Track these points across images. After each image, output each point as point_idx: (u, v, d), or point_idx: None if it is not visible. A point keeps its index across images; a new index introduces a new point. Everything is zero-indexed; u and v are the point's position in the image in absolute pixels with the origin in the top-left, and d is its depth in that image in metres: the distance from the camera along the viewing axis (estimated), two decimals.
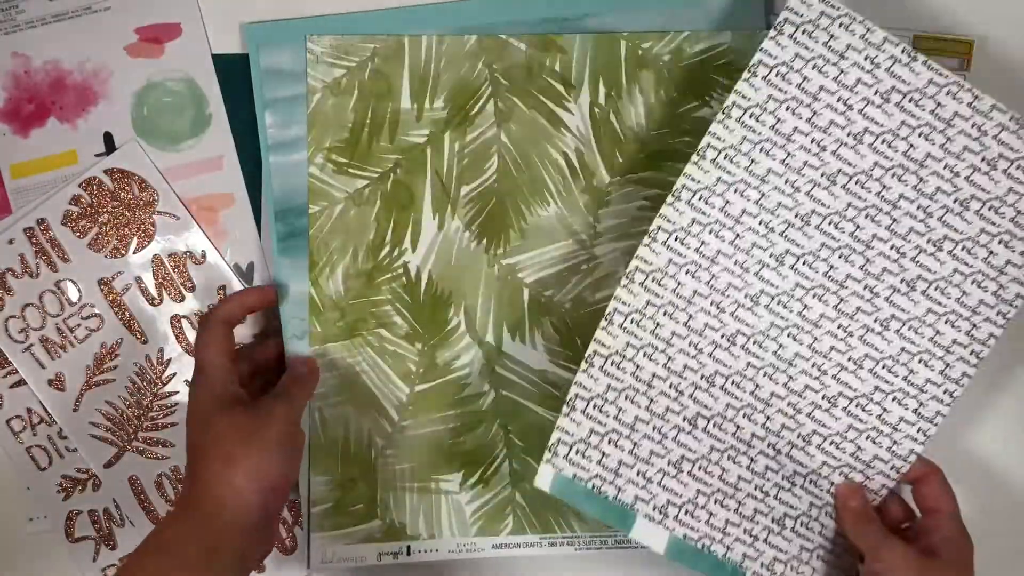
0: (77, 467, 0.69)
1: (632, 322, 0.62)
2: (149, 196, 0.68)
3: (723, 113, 0.61)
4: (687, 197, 0.61)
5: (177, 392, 0.69)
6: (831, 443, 0.63)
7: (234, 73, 0.67)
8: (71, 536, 0.69)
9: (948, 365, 0.62)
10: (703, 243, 0.61)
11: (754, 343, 0.62)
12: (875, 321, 0.62)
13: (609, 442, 0.62)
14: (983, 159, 0.61)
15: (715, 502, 0.63)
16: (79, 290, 0.68)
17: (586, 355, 0.62)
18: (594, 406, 0.62)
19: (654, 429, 0.63)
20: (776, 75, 0.61)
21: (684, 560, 0.63)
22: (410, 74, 0.66)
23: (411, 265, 0.67)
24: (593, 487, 0.62)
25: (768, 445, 0.63)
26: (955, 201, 0.61)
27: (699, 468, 0.63)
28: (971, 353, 0.62)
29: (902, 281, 0.62)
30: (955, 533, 0.60)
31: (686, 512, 0.63)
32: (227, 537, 0.56)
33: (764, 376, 0.62)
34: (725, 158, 0.61)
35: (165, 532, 0.56)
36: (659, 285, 0.62)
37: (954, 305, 0.62)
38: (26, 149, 0.68)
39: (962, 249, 0.61)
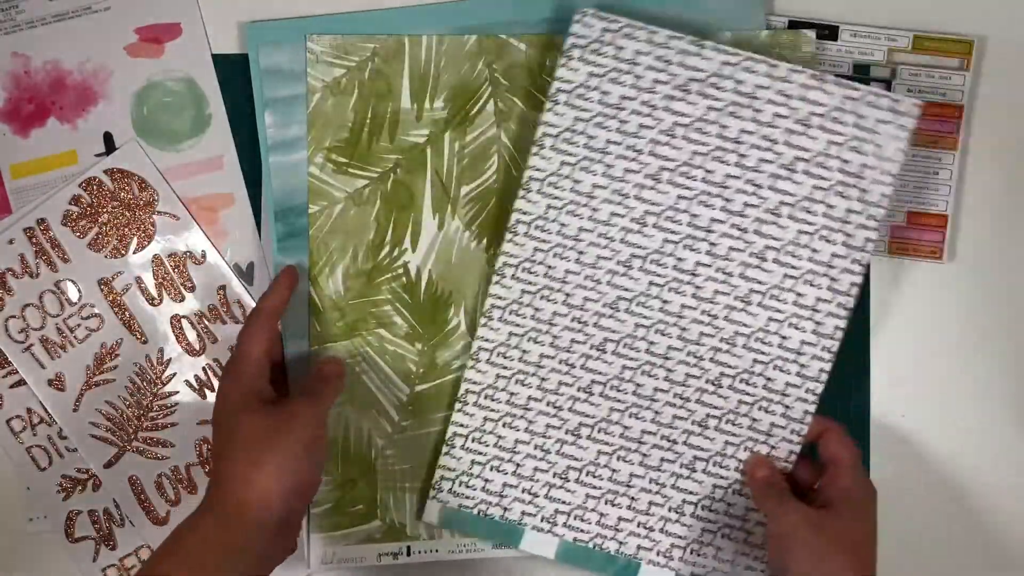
0: (77, 467, 0.69)
1: (498, 355, 0.65)
2: (149, 196, 0.68)
3: (536, 145, 0.64)
4: (523, 230, 0.64)
5: (177, 392, 0.69)
6: (727, 421, 0.65)
7: (234, 73, 0.67)
8: (71, 536, 0.69)
9: (819, 323, 0.64)
10: (550, 267, 0.64)
11: (624, 346, 0.65)
12: (735, 299, 0.64)
13: (491, 469, 0.66)
14: (795, 120, 0.63)
15: (606, 502, 0.66)
16: (79, 290, 0.68)
17: (459, 395, 0.66)
18: (472, 439, 0.66)
19: (536, 448, 0.66)
20: (577, 97, 0.64)
21: (576, 561, 0.67)
22: (410, 74, 0.66)
23: (411, 265, 0.67)
24: (479, 512, 0.66)
25: (661, 438, 0.65)
26: (780, 167, 0.63)
27: (586, 474, 0.66)
28: (838, 306, 0.64)
29: (751, 255, 0.64)
30: (852, 482, 0.61)
31: (575, 517, 0.66)
32: (251, 539, 0.56)
33: (642, 375, 0.65)
34: (549, 185, 0.64)
35: (188, 532, 0.56)
36: (518, 316, 0.65)
37: (808, 265, 0.64)
38: (26, 149, 0.68)
39: (800, 210, 0.63)
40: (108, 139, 0.68)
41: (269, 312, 0.63)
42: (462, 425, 0.66)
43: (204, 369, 0.69)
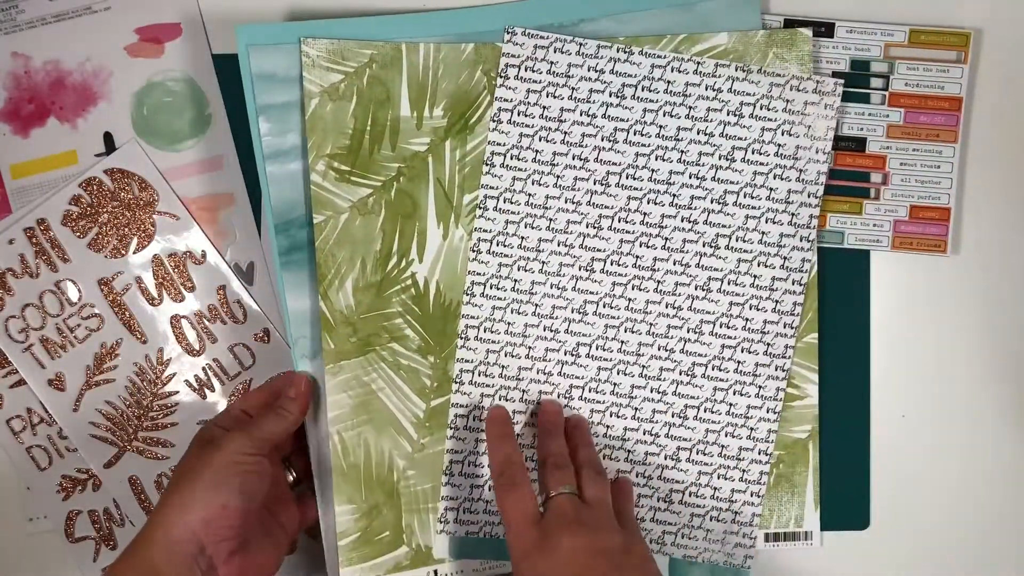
0: (77, 467, 0.69)
1: (480, 374, 0.67)
2: (149, 196, 0.68)
3: (487, 164, 0.66)
4: (485, 248, 0.66)
5: (177, 392, 0.69)
6: (705, 410, 0.67)
7: (234, 73, 0.67)
8: (71, 536, 0.69)
9: (777, 302, 0.67)
10: (516, 280, 0.66)
11: (596, 347, 0.67)
12: (696, 288, 0.66)
13: (490, 489, 0.67)
14: (728, 112, 0.66)
15: None
16: (79, 290, 0.68)
17: (449, 421, 0.66)
18: (468, 463, 0.67)
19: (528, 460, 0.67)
20: (518, 115, 0.66)
21: None
22: (408, 81, 0.66)
23: (419, 276, 0.66)
24: (485, 534, 0.67)
25: (644, 432, 0.67)
26: (719, 157, 0.66)
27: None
28: (793, 283, 0.67)
29: (704, 244, 0.66)
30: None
31: None
32: (161, 573, 0.55)
33: (617, 373, 0.67)
34: (505, 201, 0.66)
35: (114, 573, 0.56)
36: (492, 332, 0.66)
37: (759, 247, 0.66)
38: (26, 149, 0.68)
39: (744, 196, 0.66)
40: (108, 139, 0.68)
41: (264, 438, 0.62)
42: (457, 452, 0.67)
43: (204, 369, 0.69)
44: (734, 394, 0.67)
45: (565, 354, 0.67)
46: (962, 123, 0.68)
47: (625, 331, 0.66)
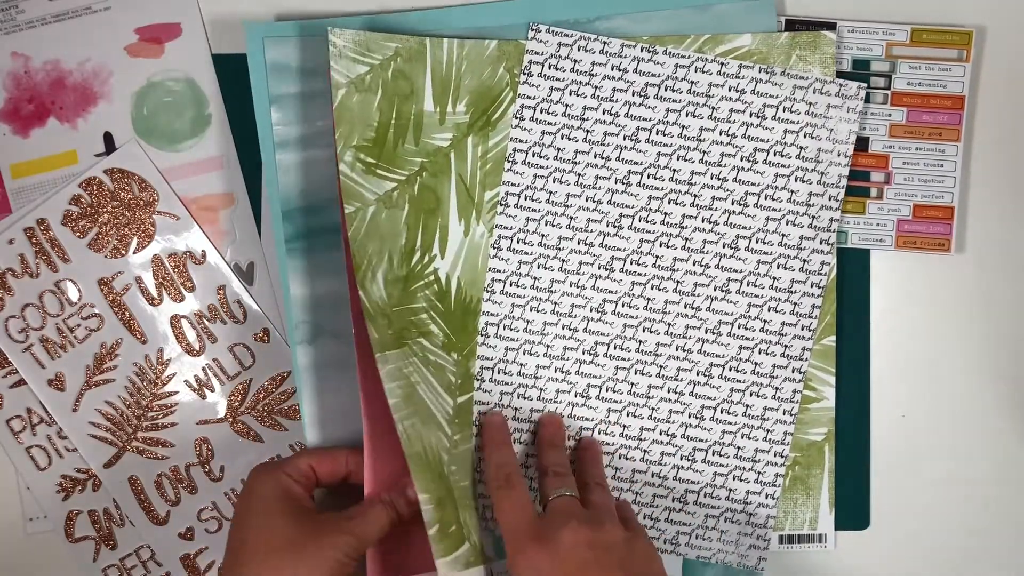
0: (77, 467, 0.69)
1: (499, 372, 0.67)
2: (149, 196, 0.68)
3: (508, 161, 0.66)
4: (506, 245, 0.66)
5: (177, 392, 0.69)
6: (722, 411, 0.67)
7: (234, 73, 0.67)
8: (71, 536, 0.69)
9: (796, 304, 0.66)
10: (536, 278, 0.66)
11: (614, 347, 0.67)
12: (715, 289, 0.67)
13: None
14: (750, 113, 0.66)
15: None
16: (79, 290, 0.68)
17: (474, 419, 0.66)
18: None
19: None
20: (540, 112, 0.66)
21: None
22: (432, 76, 0.66)
23: (441, 272, 0.66)
24: None
25: (660, 432, 0.67)
26: (741, 159, 0.66)
27: None
28: (812, 286, 0.67)
29: (724, 245, 0.66)
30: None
31: None
32: None
33: (635, 372, 0.67)
34: (526, 199, 0.66)
35: None
36: (511, 330, 0.66)
37: (779, 249, 0.66)
38: (26, 149, 0.68)
39: (765, 198, 0.66)
40: (108, 139, 0.68)
41: (344, 458, 0.63)
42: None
43: (204, 369, 0.69)
44: (751, 395, 0.67)
45: (583, 353, 0.66)
46: (965, 122, 0.68)
47: (643, 331, 0.66)
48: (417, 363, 0.65)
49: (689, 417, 0.67)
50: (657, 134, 0.66)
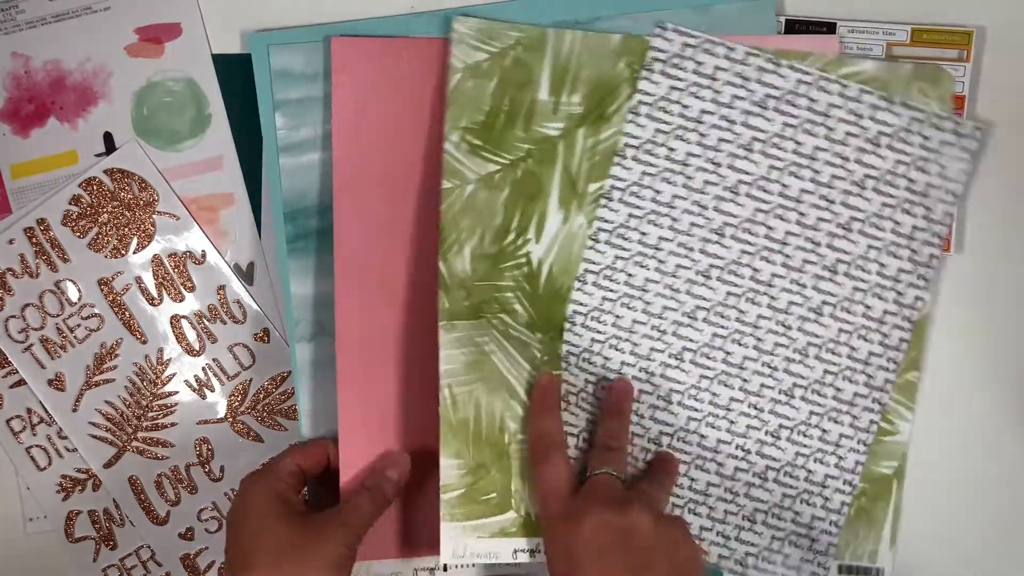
0: (77, 467, 0.69)
1: (584, 360, 0.66)
2: (149, 196, 0.68)
3: (618, 155, 0.66)
4: (604, 238, 0.66)
5: (177, 392, 0.69)
6: (798, 432, 0.66)
7: (234, 73, 0.68)
8: (71, 536, 0.69)
9: (885, 335, 0.66)
10: (630, 275, 0.66)
11: (701, 355, 0.66)
12: (808, 310, 0.66)
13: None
14: (866, 139, 0.65)
15: (688, 511, 0.66)
16: (79, 290, 0.68)
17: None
18: (572, 445, 0.65)
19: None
20: (657, 110, 0.65)
21: None
22: (551, 66, 0.66)
23: (533, 256, 0.66)
24: None
25: (736, 447, 0.66)
26: (851, 183, 0.65)
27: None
28: (903, 319, 0.66)
29: (823, 267, 0.66)
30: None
31: None
32: None
33: (718, 384, 0.66)
34: (631, 195, 0.66)
35: None
36: (599, 323, 0.66)
37: (876, 279, 0.66)
38: (26, 149, 0.68)
39: (870, 226, 0.66)
40: (108, 139, 0.68)
41: (326, 449, 0.63)
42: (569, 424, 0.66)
43: (204, 369, 0.69)
44: (829, 421, 0.66)
45: (669, 356, 0.66)
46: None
47: (732, 342, 0.66)
48: (496, 335, 0.65)
49: (766, 434, 0.66)
50: (772, 147, 0.65)
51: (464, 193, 0.66)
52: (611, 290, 0.66)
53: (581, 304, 0.66)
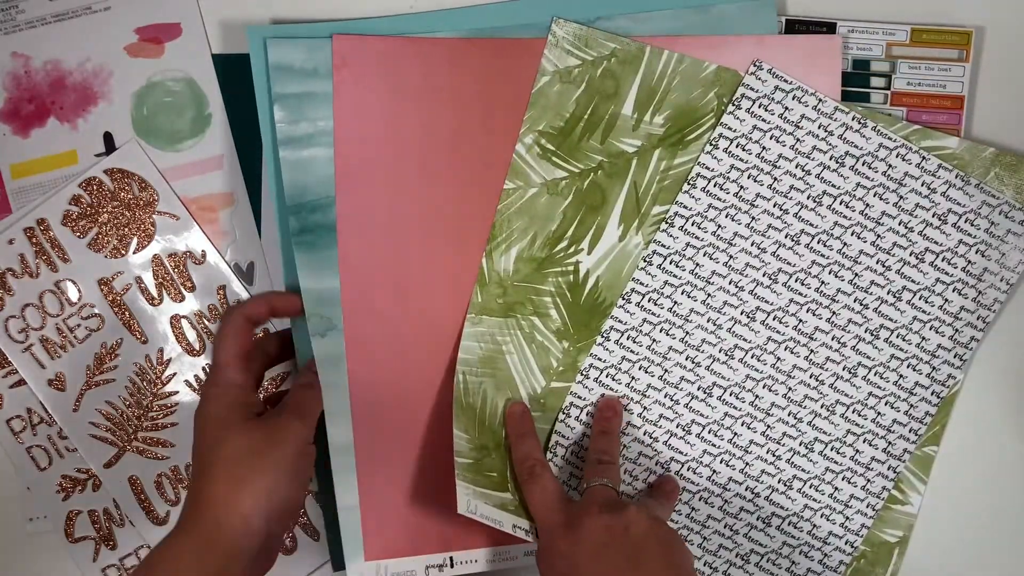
0: (77, 467, 0.69)
1: (608, 377, 0.67)
2: (149, 196, 0.68)
3: (688, 183, 0.66)
4: (658, 262, 0.66)
5: (177, 392, 0.69)
6: (811, 486, 0.67)
7: (234, 73, 0.68)
8: (71, 536, 0.69)
9: (912, 407, 0.67)
10: (676, 303, 0.66)
11: (730, 394, 0.67)
12: (843, 369, 0.67)
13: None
14: (934, 214, 0.66)
15: (700, 499, 0.68)
16: (79, 290, 0.68)
17: (563, 406, 0.67)
18: (571, 452, 0.67)
19: (647, 434, 0.68)
20: (736, 146, 0.66)
21: None
22: (641, 83, 0.66)
23: (582, 266, 0.67)
24: None
25: (746, 488, 0.67)
26: (911, 254, 0.66)
27: (687, 469, 0.68)
28: (932, 394, 0.67)
29: (867, 331, 0.67)
30: None
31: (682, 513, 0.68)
32: (230, 565, 0.54)
33: (741, 424, 0.67)
34: (693, 225, 0.66)
35: (164, 559, 0.54)
36: (634, 342, 0.67)
37: (914, 350, 0.67)
38: (26, 149, 0.68)
39: (920, 298, 0.66)
40: (108, 139, 0.68)
41: (242, 314, 0.61)
42: (563, 436, 0.67)
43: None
44: (843, 480, 0.67)
45: (698, 389, 0.67)
46: (964, 121, 0.68)
47: (763, 387, 0.67)
48: (520, 337, 0.67)
49: (779, 483, 0.67)
50: (841, 204, 0.66)
51: (525, 195, 0.66)
52: (654, 314, 0.66)
53: (620, 322, 0.66)
